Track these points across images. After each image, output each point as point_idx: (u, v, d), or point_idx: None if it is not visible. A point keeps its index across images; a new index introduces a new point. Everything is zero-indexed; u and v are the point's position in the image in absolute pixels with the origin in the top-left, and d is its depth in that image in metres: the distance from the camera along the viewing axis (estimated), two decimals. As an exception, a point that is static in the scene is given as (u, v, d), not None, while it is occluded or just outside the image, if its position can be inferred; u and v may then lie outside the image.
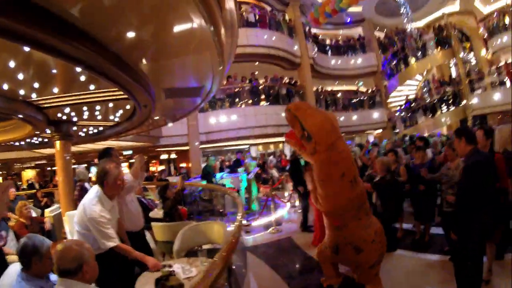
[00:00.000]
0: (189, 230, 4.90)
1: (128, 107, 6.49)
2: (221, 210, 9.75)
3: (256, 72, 17.66)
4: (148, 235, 5.51)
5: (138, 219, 4.49)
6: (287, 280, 5.42)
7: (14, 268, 3.01)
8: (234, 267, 4.90)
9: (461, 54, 20.69)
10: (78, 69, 4.18)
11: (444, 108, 19.74)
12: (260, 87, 17.27)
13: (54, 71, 4.42)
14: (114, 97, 5.58)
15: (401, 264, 5.57)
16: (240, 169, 12.70)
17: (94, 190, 3.60)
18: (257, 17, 17.50)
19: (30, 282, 2.68)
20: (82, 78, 4.63)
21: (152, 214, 6.85)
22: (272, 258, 6.61)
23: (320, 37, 22.54)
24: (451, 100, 19.72)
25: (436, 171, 5.78)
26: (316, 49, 20.79)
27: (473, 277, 3.73)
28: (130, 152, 19.03)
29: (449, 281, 4.15)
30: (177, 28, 3.78)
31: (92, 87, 5.16)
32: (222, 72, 5.43)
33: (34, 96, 5.19)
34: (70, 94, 5.46)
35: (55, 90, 5.17)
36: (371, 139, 21.77)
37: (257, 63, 17.71)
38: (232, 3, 3.93)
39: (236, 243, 2.83)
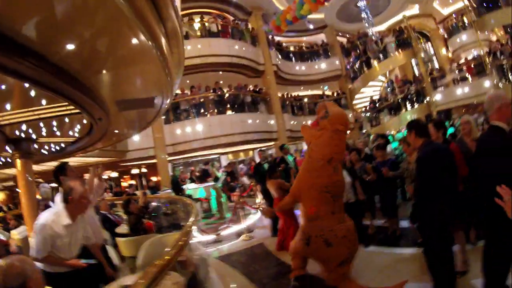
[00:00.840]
0: (152, 243, 4.87)
1: (84, 121, 6.42)
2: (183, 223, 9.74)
3: (221, 82, 17.74)
4: (114, 252, 5.48)
5: (96, 234, 4.46)
6: (259, 286, 5.44)
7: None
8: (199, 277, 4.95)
9: (422, 54, 21.28)
10: (27, 85, 4.14)
11: (409, 106, 20.19)
12: (226, 96, 17.35)
13: (3, 87, 4.35)
14: (68, 112, 5.51)
15: (374, 260, 5.68)
16: (210, 179, 12.75)
17: (56, 205, 3.61)
18: (219, 27, 17.62)
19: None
20: (32, 93, 4.57)
21: (119, 230, 6.78)
22: (244, 266, 6.63)
23: (283, 44, 22.81)
24: (415, 98, 20.20)
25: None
26: (279, 56, 21.08)
27: (444, 268, 3.79)
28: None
29: (423, 274, 4.21)
30: (119, 43, 3.79)
31: (44, 102, 5.09)
32: (172, 82, 5.45)
33: (-12, 113, 5.11)
34: (23, 110, 5.37)
35: (7, 106, 5.09)
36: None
37: (221, 72, 17.75)
38: (173, 15, 3.96)
39: (182, 248, 2.85)
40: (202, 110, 16.38)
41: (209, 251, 8.06)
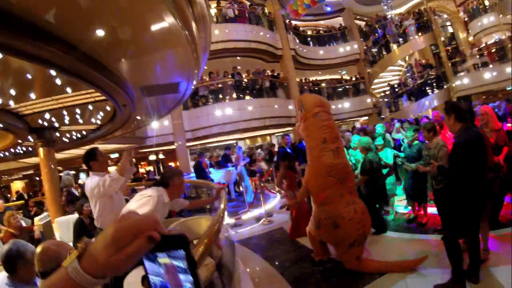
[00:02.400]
0: (177, 226, 4.91)
1: (108, 108, 6.47)
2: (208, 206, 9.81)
3: (239, 67, 17.70)
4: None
5: None
6: (280, 270, 5.46)
7: (1, 277, 2.95)
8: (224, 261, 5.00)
9: (442, 38, 20.83)
10: (53, 73, 4.17)
11: (428, 91, 19.85)
12: (243, 81, 17.29)
13: (29, 76, 4.39)
14: (92, 99, 5.57)
15: (393, 246, 5.67)
16: (230, 164, 12.78)
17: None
18: (236, 12, 17.48)
19: (17, 288, 2.65)
20: (58, 81, 4.61)
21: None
22: (264, 250, 6.66)
23: (301, 28, 22.56)
24: (435, 83, 19.84)
25: None
26: (297, 40, 20.82)
27: (473, 256, 3.79)
28: (116, 155, 18.93)
29: (442, 259, 4.17)
30: (149, 26, 3.79)
31: (69, 90, 5.14)
32: (198, 66, 5.46)
33: (12, 103, 5.16)
34: (48, 99, 5.43)
35: (33, 96, 5.14)
36: (358, 125, 21.91)
37: (238, 57, 17.70)
38: (203, 1, 3.95)
39: (218, 230, 2.88)
40: (220, 96, 16.45)
41: (232, 233, 8.12)
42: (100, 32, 3.55)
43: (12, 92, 4.72)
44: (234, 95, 16.62)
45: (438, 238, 5.20)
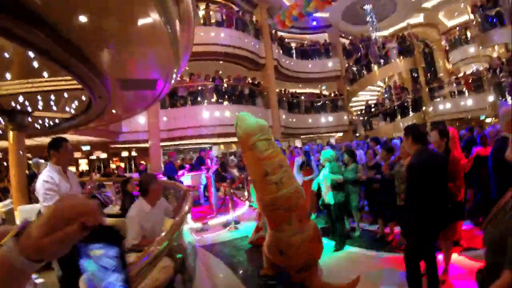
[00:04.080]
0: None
1: (83, 98, 6.36)
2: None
3: (220, 71, 17.66)
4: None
5: None
6: (242, 279, 5.43)
7: None
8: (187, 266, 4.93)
9: (423, 64, 21.39)
10: (31, 55, 4.06)
11: (404, 113, 20.30)
12: (223, 86, 17.27)
13: (7, 55, 4.27)
14: (68, 87, 5.45)
15: (355, 262, 5.72)
16: (203, 168, 12.69)
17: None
18: (224, 17, 17.48)
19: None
20: (35, 64, 4.49)
21: (107, 211, 6.72)
22: (228, 256, 6.62)
23: (286, 40, 22.73)
24: (411, 106, 20.29)
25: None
26: (281, 51, 20.99)
27: (429, 277, 3.85)
28: (88, 147, 18.60)
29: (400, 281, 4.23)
30: (132, 19, 3.74)
31: (45, 75, 5.02)
32: (178, 66, 5.42)
33: (-15, 82, 5.00)
34: (23, 81, 5.29)
35: (8, 76, 5.00)
36: (332, 141, 22.18)
37: (221, 62, 17.66)
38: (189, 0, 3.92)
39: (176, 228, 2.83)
40: (199, 99, 16.33)
41: (197, 238, 8.04)
42: (83, 19, 3.47)
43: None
44: (213, 99, 16.54)
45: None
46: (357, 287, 4.60)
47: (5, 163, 22.29)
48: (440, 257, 4.24)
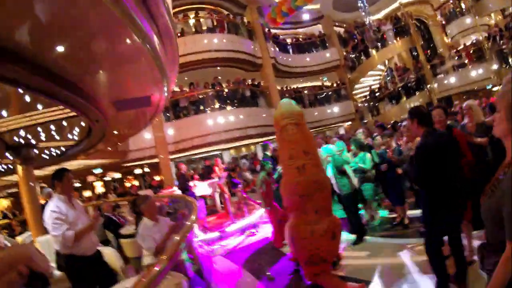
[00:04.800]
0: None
1: (83, 124, 6.37)
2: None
3: (219, 77, 17.67)
4: (115, 255, 5.42)
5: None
6: (265, 283, 5.38)
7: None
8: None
9: (421, 42, 21.19)
10: (21, 90, 4.07)
11: (409, 94, 20.10)
12: (225, 91, 17.27)
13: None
14: (64, 115, 5.49)
15: (376, 252, 5.67)
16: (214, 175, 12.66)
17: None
18: (215, 22, 17.50)
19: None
20: (27, 99, 4.52)
21: (123, 231, 6.71)
22: (249, 262, 6.58)
23: (280, 37, 22.65)
24: (415, 85, 20.08)
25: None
26: (277, 49, 20.93)
27: (457, 260, 3.79)
28: (100, 170, 18.69)
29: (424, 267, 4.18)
30: (112, 44, 3.74)
31: (40, 107, 5.05)
32: (168, 79, 5.40)
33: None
34: (20, 116, 5.33)
35: (4, 113, 5.04)
36: (342, 131, 22.02)
37: (218, 68, 17.66)
38: (165, 13, 3.88)
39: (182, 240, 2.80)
40: (201, 107, 16.35)
41: (214, 248, 8.01)
42: (63, 50, 3.48)
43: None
44: (216, 106, 16.55)
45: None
46: (383, 278, 4.55)
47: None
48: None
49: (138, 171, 22.14)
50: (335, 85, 23.73)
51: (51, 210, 3.92)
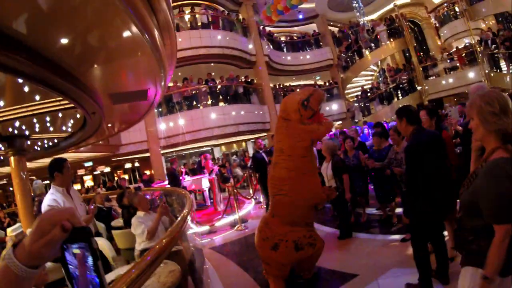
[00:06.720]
0: (148, 233, 4.91)
1: (78, 116, 6.38)
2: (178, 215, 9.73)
3: (213, 73, 17.70)
4: (107, 245, 5.47)
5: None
6: (253, 276, 5.45)
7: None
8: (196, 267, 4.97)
9: (414, 44, 21.35)
10: (21, 80, 4.09)
11: (400, 95, 20.24)
12: (218, 87, 17.32)
13: (-2, 83, 4.31)
14: (61, 106, 5.48)
15: (362, 247, 5.76)
16: (205, 171, 12.75)
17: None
18: (210, 18, 17.50)
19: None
20: (26, 89, 4.52)
21: (115, 223, 6.74)
22: (238, 255, 6.66)
23: (275, 34, 22.72)
24: (407, 87, 20.23)
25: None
26: (271, 46, 20.99)
27: (438, 256, 3.88)
28: (90, 163, 18.64)
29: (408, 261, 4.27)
30: (113, 35, 3.77)
31: (37, 97, 5.05)
32: (165, 73, 5.43)
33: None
34: (16, 106, 5.33)
35: (1, 103, 5.04)
36: (333, 130, 22.12)
37: (212, 64, 17.70)
38: (165, 7, 3.92)
39: (175, 237, 2.85)
40: (194, 102, 16.42)
41: (204, 241, 8.08)
42: (64, 40, 3.50)
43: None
44: (209, 102, 16.60)
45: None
46: (366, 271, 4.65)
47: (11, 188, 22.52)
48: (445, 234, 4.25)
49: (128, 165, 22.12)
50: (327, 84, 23.86)
51: (48, 205, 3.93)
